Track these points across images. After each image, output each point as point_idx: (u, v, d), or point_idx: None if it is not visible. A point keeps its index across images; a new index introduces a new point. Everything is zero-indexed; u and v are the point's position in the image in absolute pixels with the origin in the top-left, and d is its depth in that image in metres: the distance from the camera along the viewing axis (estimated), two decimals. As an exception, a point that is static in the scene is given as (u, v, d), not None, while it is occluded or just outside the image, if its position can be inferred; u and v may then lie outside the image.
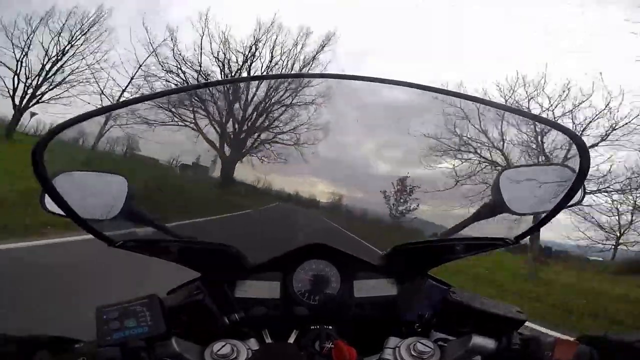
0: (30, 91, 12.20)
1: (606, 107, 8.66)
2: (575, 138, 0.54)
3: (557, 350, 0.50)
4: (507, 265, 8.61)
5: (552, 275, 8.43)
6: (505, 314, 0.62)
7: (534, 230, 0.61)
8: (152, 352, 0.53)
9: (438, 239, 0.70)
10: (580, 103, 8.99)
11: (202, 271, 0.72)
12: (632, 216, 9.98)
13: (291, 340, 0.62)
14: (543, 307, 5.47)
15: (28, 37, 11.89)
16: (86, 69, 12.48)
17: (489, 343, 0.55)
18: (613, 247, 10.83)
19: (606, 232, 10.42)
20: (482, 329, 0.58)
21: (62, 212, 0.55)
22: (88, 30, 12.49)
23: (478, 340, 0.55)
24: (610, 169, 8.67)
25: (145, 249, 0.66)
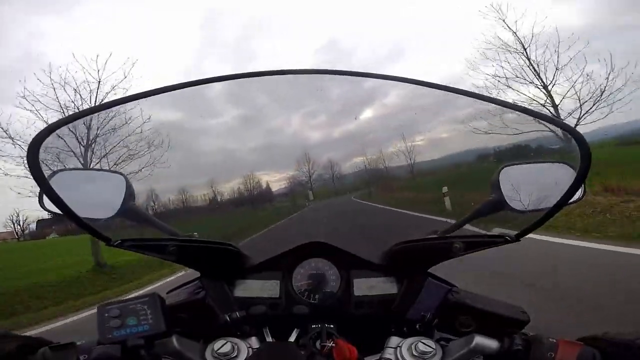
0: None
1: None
2: (576, 135, 0.54)
3: (560, 351, 0.50)
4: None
5: None
6: (509, 314, 0.62)
7: (535, 227, 0.61)
8: (152, 350, 0.53)
9: (438, 237, 0.70)
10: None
11: (202, 270, 0.72)
12: None
13: (292, 338, 0.62)
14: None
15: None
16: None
17: (491, 343, 0.54)
18: None
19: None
20: (485, 329, 0.58)
21: (59, 211, 0.54)
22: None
23: (480, 340, 0.54)
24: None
25: (143, 248, 0.66)
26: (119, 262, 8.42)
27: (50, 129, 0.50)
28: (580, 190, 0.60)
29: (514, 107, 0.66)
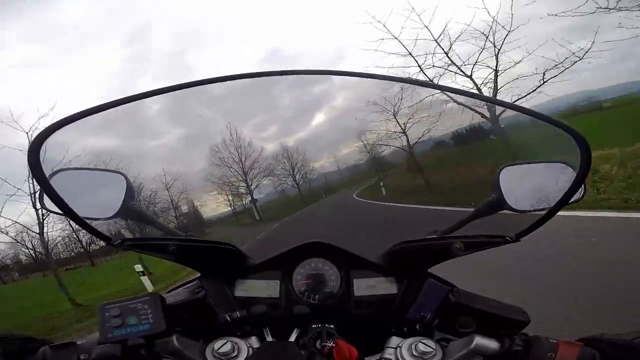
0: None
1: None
2: (576, 136, 0.54)
3: (560, 351, 0.49)
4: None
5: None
6: (509, 314, 0.63)
7: (535, 227, 0.61)
8: (152, 350, 0.53)
9: (438, 237, 0.70)
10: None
11: (202, 270, 0.72)
12: None
13: (292, 338, 0.62)
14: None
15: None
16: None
17: (491, 344, 0.54)
18: None
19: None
20: (485, 330, 0.58)
21: (60, 211, 0.55)
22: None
23: (480, 341, 0.54)
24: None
25: (144, 247, 0.66)
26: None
27: (52, 129, 0.50)
28: (580, 189, 0.60)
29: (513, 106, 0.66)
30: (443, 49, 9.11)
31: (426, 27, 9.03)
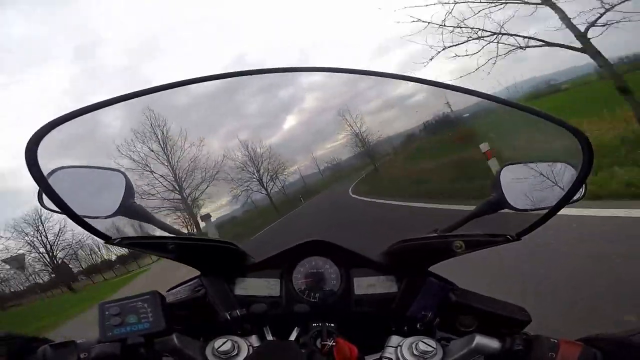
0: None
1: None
2: (579, 135, 0.54)
3: (562, 351, 0.49)
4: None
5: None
6: (510, 314, 0.63)
7: (536, 226, 0.61)
8: (152, 348, 0.53)
9: (438, 236, 0.70)
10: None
11: (201, 269, 0.72)
12: None
13: (292, 337, 0.62)
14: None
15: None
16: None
17: (492, 343, 0.54)
18: None
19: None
20: (486, 329, 0.58)
21: (59, 210, 0.54)
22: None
23: (481, 340, 0.54)
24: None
25: (143, 246, 0.66)
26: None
27: (50, 126, 0.50)
28: (581, 189, 0.60)
29: (516, 105, 0.65)
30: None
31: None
